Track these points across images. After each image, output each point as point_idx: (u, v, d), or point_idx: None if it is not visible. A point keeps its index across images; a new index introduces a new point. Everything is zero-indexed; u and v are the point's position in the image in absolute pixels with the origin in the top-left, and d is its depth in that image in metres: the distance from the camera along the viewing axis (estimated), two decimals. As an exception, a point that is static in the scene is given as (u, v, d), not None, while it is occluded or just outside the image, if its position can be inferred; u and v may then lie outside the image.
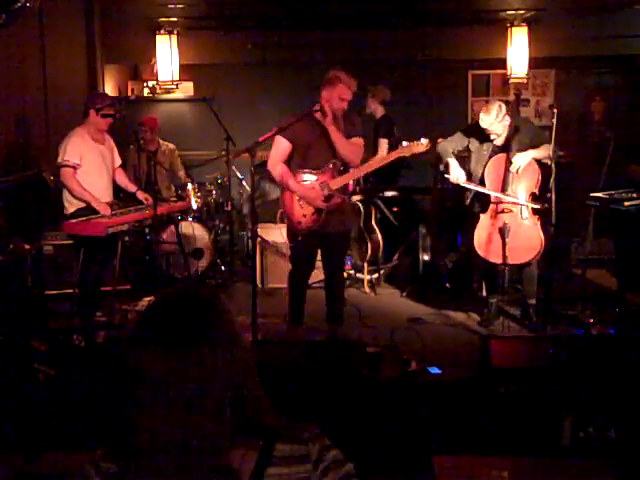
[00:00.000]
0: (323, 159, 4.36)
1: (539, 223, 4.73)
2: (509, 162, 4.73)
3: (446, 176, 4.99)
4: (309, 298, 4.68)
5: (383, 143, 6.41)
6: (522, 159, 4.71)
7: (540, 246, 4.70)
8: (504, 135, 4.80)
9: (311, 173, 4.38)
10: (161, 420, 1.11)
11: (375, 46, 7.44)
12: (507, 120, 4.74)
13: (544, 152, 4.72)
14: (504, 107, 4.73)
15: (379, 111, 6.64)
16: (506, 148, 4.80)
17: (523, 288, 5.02)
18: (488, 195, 4.85)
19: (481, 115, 4.74)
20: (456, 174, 4.89)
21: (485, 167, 4.86)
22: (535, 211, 4.77)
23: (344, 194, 4.48)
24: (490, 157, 4.86)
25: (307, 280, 4.69)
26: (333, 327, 4.63)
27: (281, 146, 4.38)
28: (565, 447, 2.63)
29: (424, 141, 4.40)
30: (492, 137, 4.80)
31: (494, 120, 4.68)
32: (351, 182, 6.24)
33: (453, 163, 4.93)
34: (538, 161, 4.79)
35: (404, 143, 4.47)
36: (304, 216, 4.40)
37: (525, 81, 7.74)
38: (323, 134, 4.32)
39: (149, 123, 6.64)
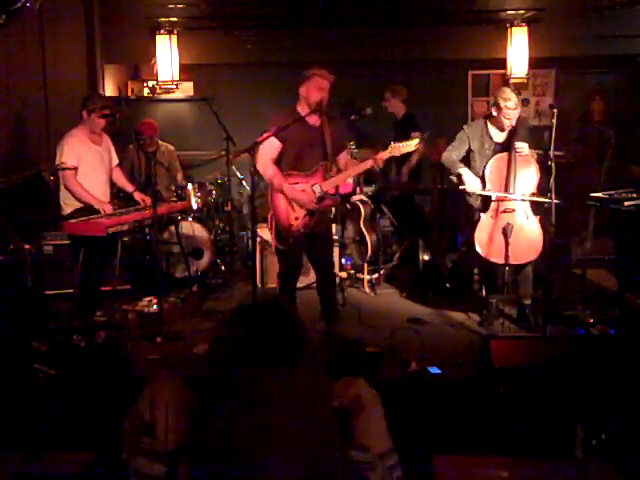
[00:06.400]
0: (313, 161, 4.37)
1: (540, 223, 4.74)
2: (510, 162, 4.74)
3: (461, 187, 4.89)
4: (307, 299, 4.68)
5: (415, 136, 6.31)
6: (526, 146, 4.76)
7: (541, 246, 4.71)
8: (508, 129, 4.83)
9: (301, 175, 4.38)
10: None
11: (375, 46, 7.44)
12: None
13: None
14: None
15: (401, 110, 6.73)
16: (506, 146, 4.81)
17: (519, 288, 5.02)
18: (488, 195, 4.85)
19: (506, 103, 4.67)
20: (472, 184, 4.84)
21: (485, 166, 4.85)
22: (536, 211, 4.77)
23: (333, 196, 4.50)
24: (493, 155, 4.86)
25: (297, 281, 4.69)
26: (331, 327, 4.63)
27: (272, 146, 4.32)
28: (579, 458, 2.62)
29: (413, 142, 4.39)
30: (506, 126, 4.78)
31: (518, 101, 4.69)
32: (351, 182, 6.22)
33: (466, 173, 4.87)
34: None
35: (392, 143, 4.48)
36: (296, 219, 4.40)
37: (525, 81, 7.75)
38: (315, 136, 4.33)
39: (147, 131, 6.39)
